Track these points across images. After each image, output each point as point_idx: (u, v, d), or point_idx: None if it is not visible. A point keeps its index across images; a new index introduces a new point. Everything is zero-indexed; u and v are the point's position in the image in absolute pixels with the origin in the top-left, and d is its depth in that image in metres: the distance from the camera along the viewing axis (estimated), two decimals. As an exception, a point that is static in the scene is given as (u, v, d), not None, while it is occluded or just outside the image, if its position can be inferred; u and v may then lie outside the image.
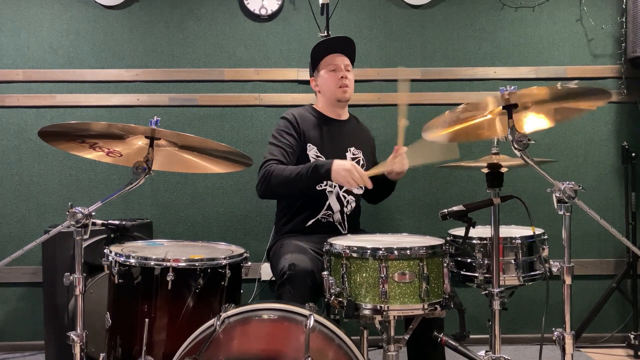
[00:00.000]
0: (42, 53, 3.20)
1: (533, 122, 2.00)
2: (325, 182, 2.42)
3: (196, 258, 1.84)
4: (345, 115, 2.63)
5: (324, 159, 2.42)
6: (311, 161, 2.38)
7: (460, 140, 2.22)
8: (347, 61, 2.53)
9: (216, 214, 3.23)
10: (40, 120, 3.18)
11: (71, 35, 3.21)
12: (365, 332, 2.01)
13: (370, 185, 2.19)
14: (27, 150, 3.19)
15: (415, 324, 1.90)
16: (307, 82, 3.14)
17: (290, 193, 2.40)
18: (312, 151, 2.46)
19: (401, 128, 2.28)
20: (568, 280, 1.72)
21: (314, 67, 2.57)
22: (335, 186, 2.45)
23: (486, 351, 2.13)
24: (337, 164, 2.20)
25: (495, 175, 2.09)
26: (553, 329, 1.75)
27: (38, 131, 1.81)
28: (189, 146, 1.95)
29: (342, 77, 2.49)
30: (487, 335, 2.16)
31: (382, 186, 2.55)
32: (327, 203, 2.45)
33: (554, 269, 1.78)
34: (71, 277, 1.70)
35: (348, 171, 2.16)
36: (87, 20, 3.21)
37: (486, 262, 2.14)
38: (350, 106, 2.72)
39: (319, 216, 2.46)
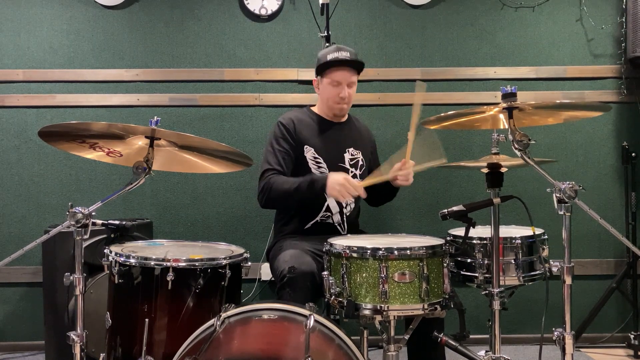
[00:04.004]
0: (42, 53, 3.20)
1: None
2: None
3: (196, 258, 1.84)
4: (344, 117, 2.62)
5: (322, 161, 2.44)
6: (309, 164, 2.43)
7: (460, 128, 2.26)
8: (352, 77, 2.47)
9: (216, 214, 3.23)
10: (40, 120, 3.18)
11: (71, 35, 3.21)
12: (365, 332, 2.01)
13: (364, 196, 2.23)
14: (27, 150, 3.19)
15: (415, 324, 1.90)
16: (307, 82, 3.16)
17: (289, 205, 2.45)
18: (309, 153, 2.46)
19: (410, 142, 2.27)
20: (568, 280, 1.72)
21: (318, 72, 2.53)
22: None
23: (486, 351, 2.13)
24: (332, 179, 2.22)
25: (495, 175, 2.09)
26: (553, 329, 1.76)
27: (38, 131, 1.81)
28: (189, 146, 1.95)
29: (342, 96, 2.46)
30: (487, 335, 2.16)
31: (384, 192, 2.57)
32: (326, 205, 2.45)
33: (554, 269, 1.78)
34: (71, 277, 1.70)
35: (342, 185, 2.19)
36: (87, 20, 3.21)
37: (486, 262, 2.14)
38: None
39: (317, 218, 2.46)
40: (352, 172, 2.51)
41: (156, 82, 3.22)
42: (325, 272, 1.85)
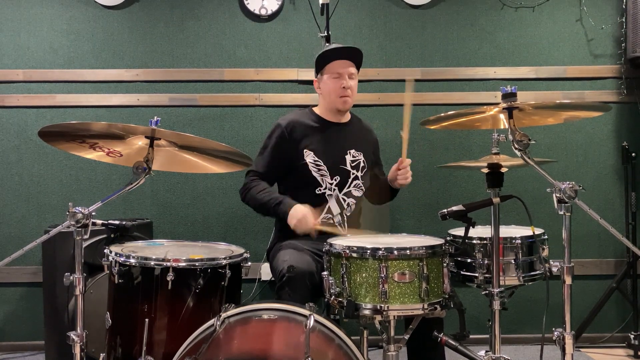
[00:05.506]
0: (42, 53, 3.20)
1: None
2: (325, 186, 2.44)
3: (196, 258, 1.84)
4: (346, 118, 2.61)
5: (322, 164, 2.45)
6: (309, 167, 2.43)
7: (460, 128, 2.28)
8: (352, 69, 2.48)
9: (216, 214, 3.23)
10: (40, 120, 3.18)
11: (71, 35, 3.21)
12: (365, 332, 2.01)
13: (314, 237, 2.27)
14: (27, 150, 3.19)
15: (415, 324, 1.90)
16: (307, 82, 3.17)
17: (258, 213, 2.50)
18: (309, 157, 2.45)
19: (405, 140, 2.32)
20: (568, 280, 1.72)
21: (318, 70, 2.53)
22: (335, 189, 2.45)
23: (486, 351, 2.13)
24: (294, 210, 2.27)
25: (495, 175, 2.09)
26: (553, 329, 1.76)
27: (38, 131, 1.81)
28: (189, 146, 1.95)
29: (344, 87, 2.45)
30: (487, 335, 2.16)
31: (385, 192, 2.57)
32: (327, 206, 2.46)
33: (554, 269, 1.78)
34: (71, 277, 1.70)
35: (299, 220, 2.25)
36: (87, 20, 3.21)
37: (486, 262, 2.14)
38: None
39: (318, 220, 2.45)
40: (353, 173, 2.50)
41: (156, 82, 3.22)
42: (325, 272, 1.85)
